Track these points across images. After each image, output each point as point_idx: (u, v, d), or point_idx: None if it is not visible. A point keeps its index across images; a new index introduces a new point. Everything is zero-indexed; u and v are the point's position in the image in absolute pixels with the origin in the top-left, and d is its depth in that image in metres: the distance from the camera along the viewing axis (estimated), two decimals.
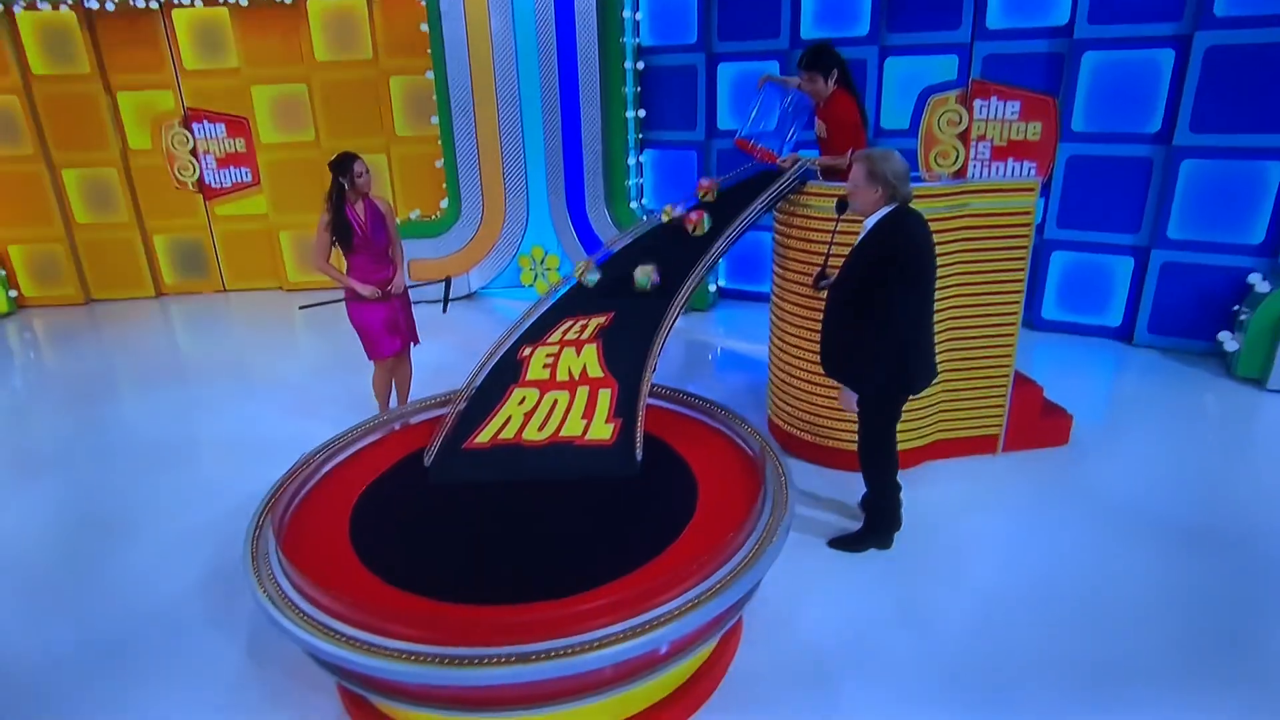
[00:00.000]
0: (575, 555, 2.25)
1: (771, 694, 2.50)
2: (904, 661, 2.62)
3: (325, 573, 2.19)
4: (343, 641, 1.96)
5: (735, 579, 2.12)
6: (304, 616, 2.05)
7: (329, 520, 2.50)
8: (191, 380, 5.53)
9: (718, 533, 2.29)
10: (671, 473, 2.67)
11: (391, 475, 2.75)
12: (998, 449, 3.94)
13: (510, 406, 2.90)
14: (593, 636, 1.93)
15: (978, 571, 3.07)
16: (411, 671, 1.87)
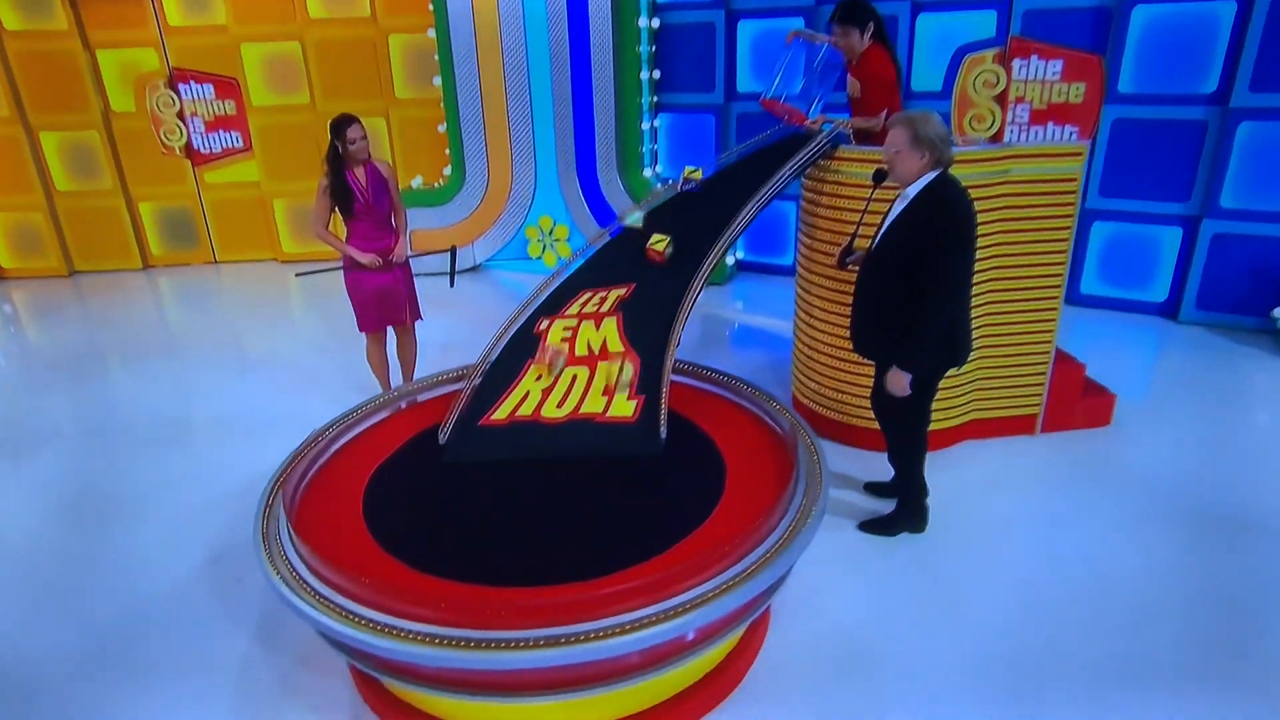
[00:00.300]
0: (599, 536, 2.27)
1: (801, 684, 2.52)
2: (936, 651, 2.64)
3: (340, 553, 2.22)
4: (362, 624, 1.98)
5: (768, 563, 2.13)
6: (320, 599, 2.08)
7: (342, 499, 2.52)
8: (183, 356, 5.56)
9: (748, 514, 2.30)
10: (697, 452, 2.68)
11: (405, 453, 2.77)
12: (1036, 429, 3.94)
13: (528, 382, 2.91)
14: (620, 620, 1.94)
15: (1014, 558, 3.08)
16: (433, 655, 1.90)
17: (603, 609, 1.96)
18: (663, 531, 2.25)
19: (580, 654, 1.90)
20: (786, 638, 2.69)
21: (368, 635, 1.96)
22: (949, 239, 2.65)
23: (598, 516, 2.36)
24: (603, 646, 1.90)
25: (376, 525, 2.38)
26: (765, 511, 2.25)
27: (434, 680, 2.10)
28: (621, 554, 2.17)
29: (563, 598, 1.99)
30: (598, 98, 6.46)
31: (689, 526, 2.29)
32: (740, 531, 2.17)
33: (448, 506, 2.45)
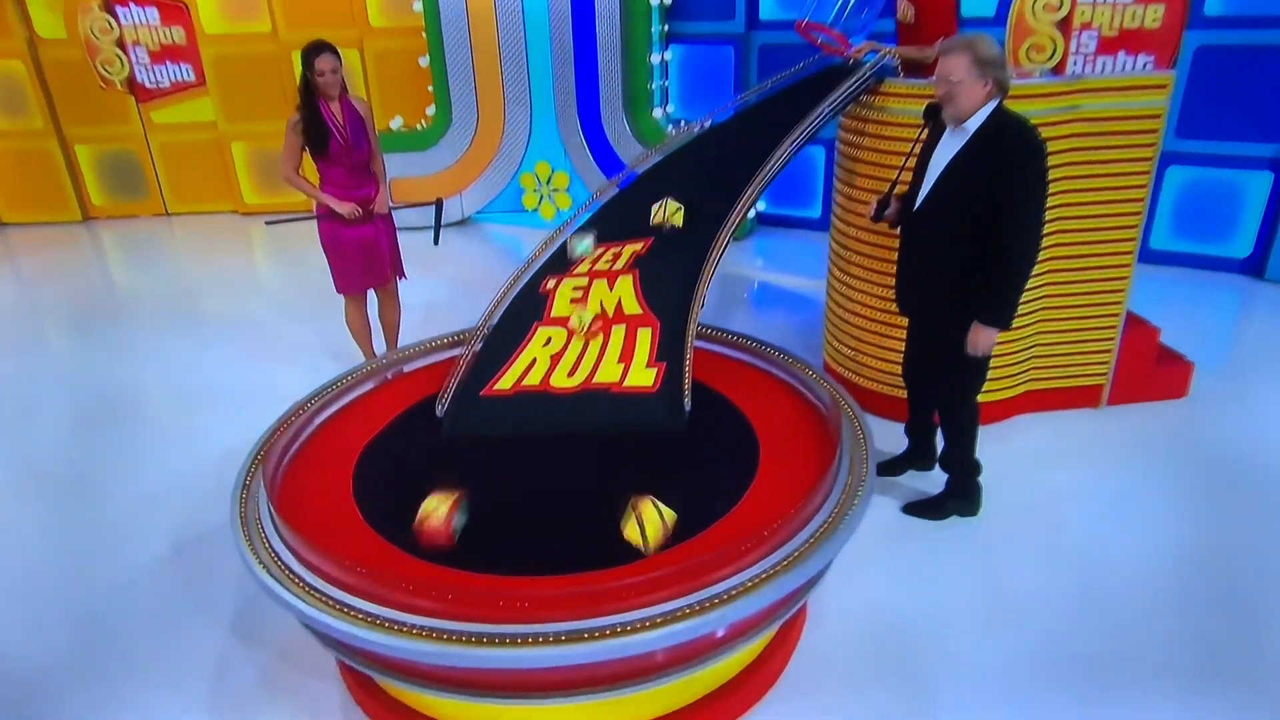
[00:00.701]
0: (617, 521, 2.24)
1: (842, 684, 2.54)
2: (990, 646, 2.66)
3: (330, 538, 2.22)
4: (356, 618, 1.99)
5: (811, 551, 2.13)
6: (308, 589, 2.09)
7: (329, 478, 2.52)
8: (133, 321, 5.55)
9: (786, 496, 2.30)
10: (726, 426, 2.68)
11: (399, 427, 2.78)
12: (1101, 401, 3.94)
13: (534, 348, 2.91)
14: (642, 614, 1.94)
15: (1076, 544, 3.10)
16: (435, 651, 1.91)
17: (622, 601, 1.96)
18: (689, 515, 2.25)
19: (597, 651, 1.91)
20: (825, 633, 2.71)
21: (363, 630, 1.97)
22: (1033, 174, 2.63)
23: (616, 499, 2.32)
24: (623, 644, 1.91)
25: (370, 507, 2.39)
26: (806, 493, 2.25)
27: (436, 679, 2.11)
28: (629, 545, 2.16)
29: (578, 588, 1.99)
30: (601, 27, 6.36)
31: (719, 510, 2.29)
32: (778, 515, 2.17)
33: (448, 487, 2.42)
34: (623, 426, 2.65)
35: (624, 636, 1.91)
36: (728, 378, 2.95)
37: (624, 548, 2.14)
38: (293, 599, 2.07)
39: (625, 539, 2.10)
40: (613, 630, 1.92)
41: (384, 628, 1.97)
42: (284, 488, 2.49)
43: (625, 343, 2.86)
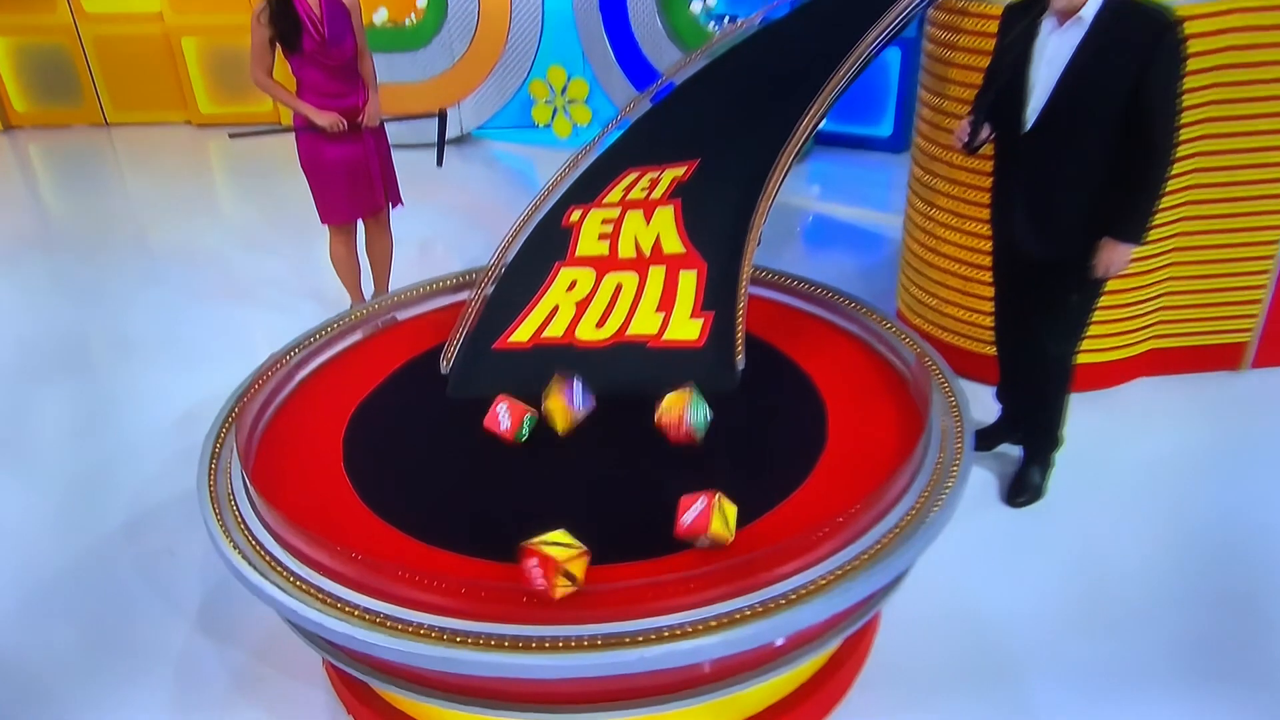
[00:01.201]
0: (656, 503, 2.23)
1: (923, 696, 2.55)
2: (1093, 648, 2.67)
3: (318, 518, 2.21)
4: (352, 614, 1.98)
5: (894, 546, 2.09)
6: (293, 579, 2.08)
7: (315, 447, 2.51)
8: (67, 254, 5.54)
9: (862, 477, 2.27)
10: (787, 389, 2.66)
11: (396, 385, 2.77)
12: (1244, 363, 3.89)
13: (556, 293, 2.88)
14: (686, 618, 1.92)
15: (1203, 533, 3.08)
16: (444, 656, 1.90)
17: (664, 601, 1.94)
18: (742, 498, 2.21)
19: (630, 661, 1.89)
20: (898, 638, 2.70)
21: (358, 628, 1.96)
22: (1176, 60, 2.62)
23: (655, 476, 2.35)
24: (664, 653, 1.89)
25: (364, 482, 2.38)
26: (888, 473, 2.21)
27: (444, 688, 2.11)
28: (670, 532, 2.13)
29: (610, 584, 1.97)
30: None
31: (779, 492, 2.27)
32: (852, 500, 2.13)
33: (458, 458, 2.44)
34: (662, 388, 2.59)
35: (665, 643, 1.89)
36: (788, 331, 2.91)
37: (665, 537, 2.11)
38: (273, 591, 2.06)
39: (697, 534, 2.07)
40: (655, 635, 1.90)
41: (383, 626, 1.96)
42: (261, 456, 2.48)
43: (665, 288, 2.83)
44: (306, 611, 2.01)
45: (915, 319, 4.11)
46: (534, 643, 1.90)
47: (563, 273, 2.92)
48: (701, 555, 2.07)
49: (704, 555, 2.07)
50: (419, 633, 1.94)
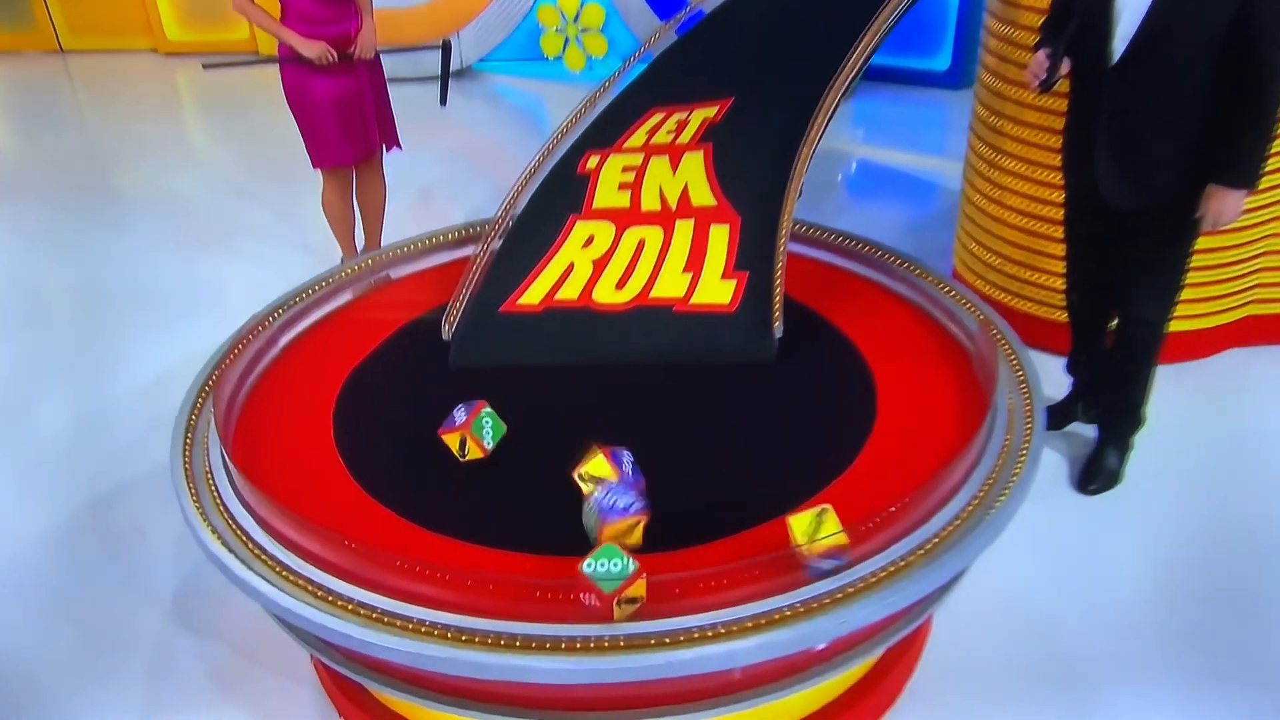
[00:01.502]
0: (685, 488, 2.25)
1: (980, 706, 2.55)
2: (1177, 661, 2.66)
3: (307, 500, 2.21)
4: (346, 609, 1.98)
5: (954, 540, 2.07)
6: (279, 569, 2.07)
7: (303, 420, 2.51)
8: (18, 198, 5.53)
9: (916, 461, 2.26)
10: (830, 362, 2.65)
11: (392, 351, 2.78)
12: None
13: (571, 249, 2.87)
14: (718, 618, 1.91)
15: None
16: (448, 656, 1.89)
17: (691, 598, 1.93)
18: (780, 485, 2.21)
19: (656, 665, 1.87)
20: (956, 639, 2.70)
21: (352, 624, 1.95)
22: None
23: (682, 456, 2.35)
24: (691, 657, 1.87)
25: (357, 460, 2.38)
26: (948, 459, 2.19)
27: (447, 691, 2.12)
28: (719, 515, 2.15)
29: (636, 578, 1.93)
30: None
31: (822, 477, 2.25)
32: (906, 488, 2.11)
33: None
34: (689, 357, 2.65)
35: (695, 646, 1.88)
36: (831, 294, 2.90)
37: (692, 526, 2.11)
38: (256, 581, 2.05)
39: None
40: (684, 637, 1.89)
41: (380, 623, 1.95)
42: (241, 430, 2.48)
43: (694, 245, 2.83)
44: (293, 605, 2.00)
45: (975, 280, 4.08)
46: (548, 643, 1.88)
47: (578, 227, 2.91)
48: (736, 548, 2.06)
49: (738, 548, 2.06)
50: (420, 630, 1.93)
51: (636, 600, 1.88)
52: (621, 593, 1.85)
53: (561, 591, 1.93)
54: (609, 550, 1.88)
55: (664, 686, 2.01)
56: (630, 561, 1.86)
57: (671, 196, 2.91)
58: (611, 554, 1.87)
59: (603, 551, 1.87)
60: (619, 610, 1.87)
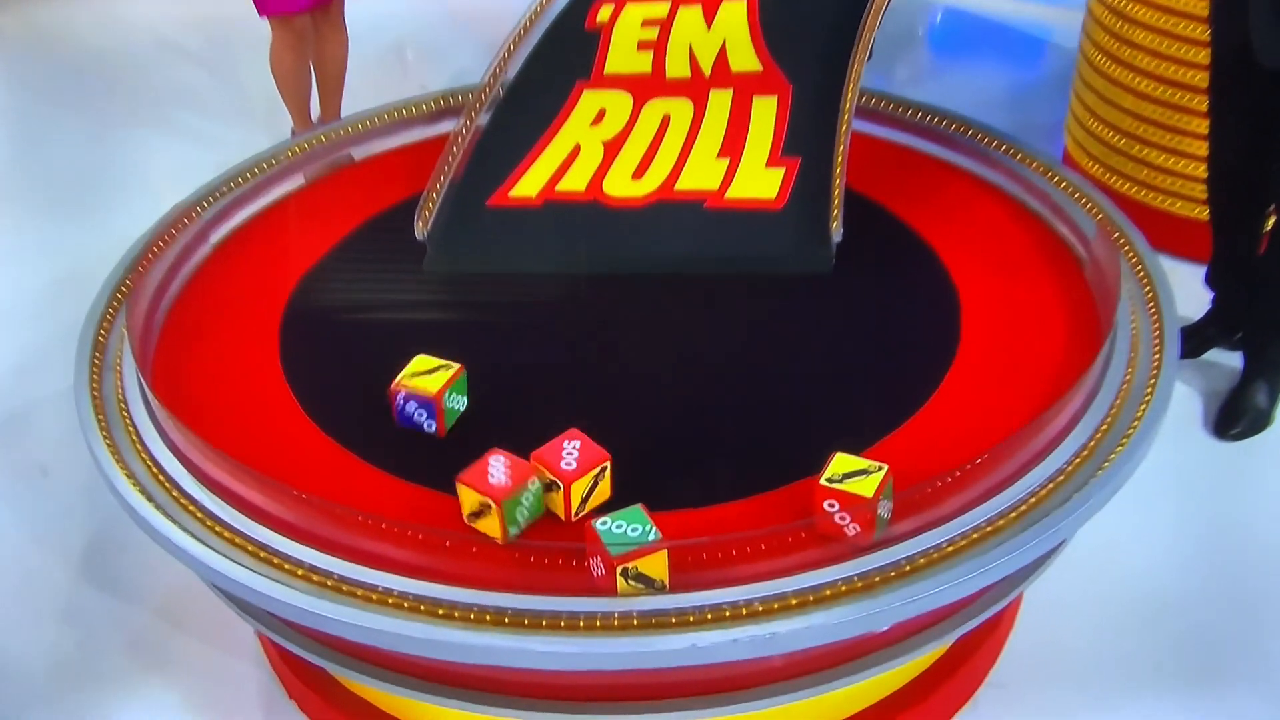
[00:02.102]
0: (720, 429, 2.25)
1: (1078, 704, 2.56)
2: None
3: (248, 441, 2.22)
4: (299, 576, 1.98)
5: (1054, 502, 2.06)
6: (216, 526, 2.08)
7: (242, 340, 2.51)
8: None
9: (1008, 401, 2.25)
10: (903, 274, 2.65)
11: (353, 253, 2.78)
12: None
13: (577, 127, 2.85)
14: (755, 593, 1.91)
15: None
16: (425, 636, 1.89)
17: (722, 568, 1.93)
18: (837, 428, 2.19)
19: (676, 649, 1.87)
20: (1051, 622, 2.71)
21: (305, 594, 1.96)
22: None
23: (712, 391, 2.35)
24: (720, 640, 1.86)
25: (310, 390, 2.37)
26: (1053, 396, 2.18)
27: (420, 675, 2.15)
28: (763, 464, 2.14)
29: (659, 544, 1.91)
30: None
31: (889, 420, 2.24)
32: (996, 435, 2.11)
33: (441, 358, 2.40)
34: (723, 266, 2.64)
35: (725, 627, 1.87)
36: (906, 184, 2.88)
37: (731, 476, 2.11)
38: (184, 539, 2.05)
39: None
40: (711, 616, 1.88)
41: (338, 592, 1.95)
42: (165, 350, 2.48)
43: (732, 122, 2.81)
44: (230, 570, 2.00)
45: (1092, 166, 4.05)
46: (545, 620, 1.88)
47: (586, 97, 2.88)
48: (776, 506, 2.05)
49: (779, 506, 2.05)
50: (388, 601, 1.93)
51: (653, 582, 1.88)
52: (629, 561, 1.85)
53: (563, 557, 1.93)
54: (634, 513, 1.89)
55: (685, 675, 2.03)
56: (652, 529, 1.86)
57: (705, 59, 2.89)
58: (635, 518, 1.88)
59: (627, 512, 1.88)
60: (624, 584, 1.87)
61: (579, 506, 1.99)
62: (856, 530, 1.93)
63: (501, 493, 1.93)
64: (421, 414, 2.20)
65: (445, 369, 2.21)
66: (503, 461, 1.98)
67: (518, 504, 1.97)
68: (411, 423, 2.21)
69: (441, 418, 2.19)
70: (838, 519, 1.93)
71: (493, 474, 1.96)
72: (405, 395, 2.18)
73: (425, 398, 2.17)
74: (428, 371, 2.21)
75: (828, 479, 1.93)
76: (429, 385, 2.18)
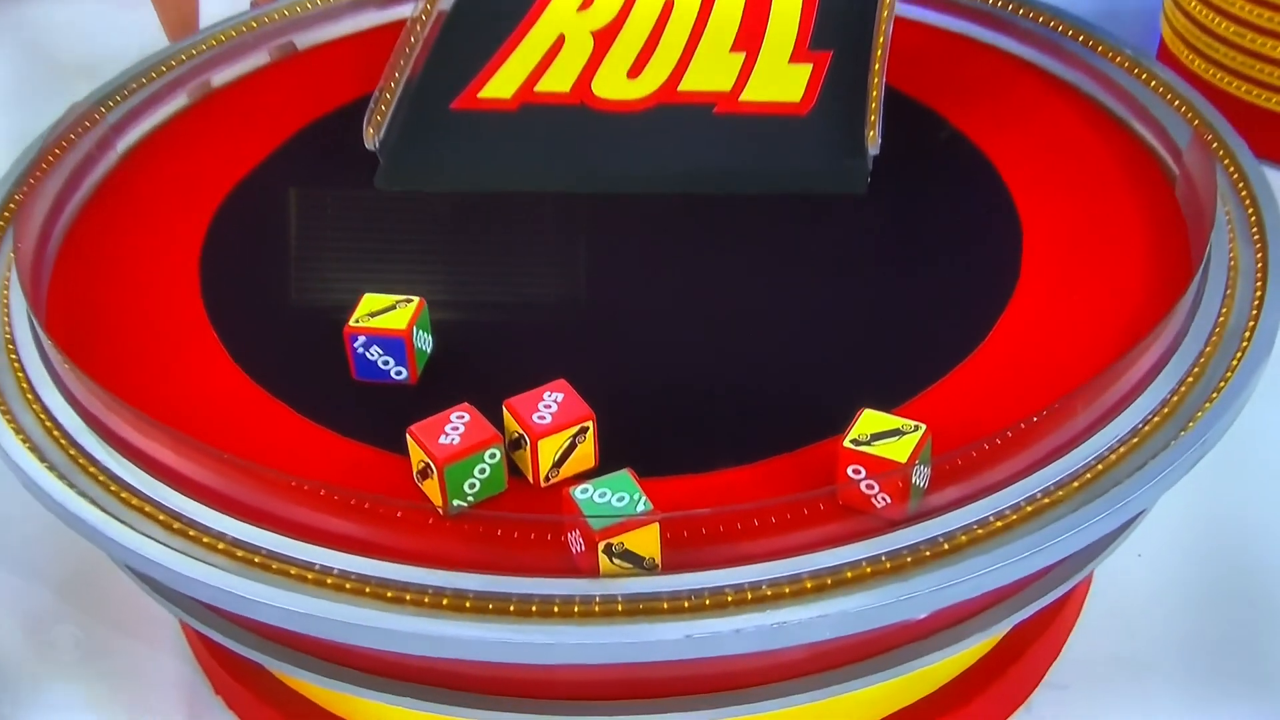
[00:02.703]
0: (717, 380, 2.28)
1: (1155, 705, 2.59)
2: None
3: (163, 394, 2.23)
4: (225, 553, 1.99)
5: (1130, 465, 2.06)
6: (127, 496, 2.09)
7: (155, 271, 2.52)
8: None
9: (1077, 345, 2.26)
10: (953, 192, 2.66)
11: (288, 166, 2.78)
12: None
13: (560, 13, 2.89)
14: (768, 573, 1.92)
15: None
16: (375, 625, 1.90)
17: (728, 543, 1.94)
18: (877, 375, 2.23)
19: (672, 641, 1.88)
20: (1124, 611, 2.75)
21: (230, 574, 1.97)
22: None
23: (721, 333, 2.37)
24: (725, 628, 1.87)
25: (239, 332, 2.38)
26: (1130, 340, 2.19)
27: (369, 670, 2.19)
28: (775, 421, 2.16)
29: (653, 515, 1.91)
30: None
31: (935, 367, 2.25)
32: (1061, 386, 2.13)
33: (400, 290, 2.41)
34: (736, 184, 2.65)
35: (731, 613, 1.88)
36: (958, 82, 2.90)
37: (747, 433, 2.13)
38: (82, 506, 2.07)
39: None
40: (714, 600, 1.89)
41: (269, 570, 1.97)
42: (60, 283, 2.50)
43: (749, 8, 2.86)
44: (141, 544, 2.01)
45: (1194, 61, 4.09)
46: (513, 605, 1.90)
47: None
48: (794, 470, 2.07)
49: (797, 470, 2.06)
50: (328, 582, 1.94)
51: (643, 560, 1.90)
52: (614, 536, 1.86)
53: (535, 530, 1.95)
54: (620, 479, 1.89)
55: (679, 671, 2.06)
56: (642, 498, 1.87)
57: None
58: (622, 484, 1.88)
59: (612, 478, 1.89)
60: (607, 562, 1.89)
61: (550, 469, 2.01)
62: (886, 501, 1.94)
63: (446, 454, 1.92)
64: (389, 360, 2.18)
65: (406, 304, 2.19)
66: (466, 420, 1.98)
67: (466, 473, 1.96)
68: (376, 373, 2.19)
69: (413, 360, 2.19)
70: (864, 488, 1.94)
71: (447, 431, 1.96)
72: (367, 339, 2.16)
73: (392, 336, 2.15)
74: (384, 310, 2.18)
75: (853, 440, 1.94)
76: (393, 322, 2.15)
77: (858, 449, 1.93)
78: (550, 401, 2.03)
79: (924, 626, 2.18)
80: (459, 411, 1.97)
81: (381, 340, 2.16)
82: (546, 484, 2.01)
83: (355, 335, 2.16)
